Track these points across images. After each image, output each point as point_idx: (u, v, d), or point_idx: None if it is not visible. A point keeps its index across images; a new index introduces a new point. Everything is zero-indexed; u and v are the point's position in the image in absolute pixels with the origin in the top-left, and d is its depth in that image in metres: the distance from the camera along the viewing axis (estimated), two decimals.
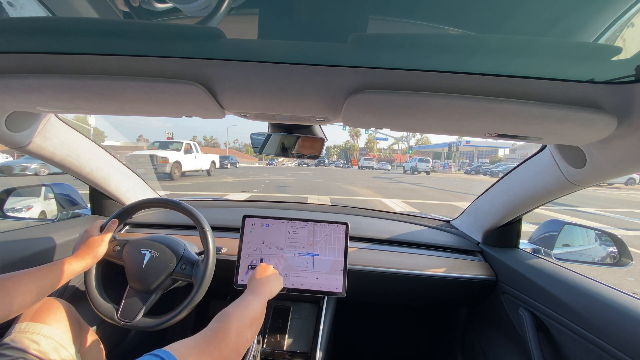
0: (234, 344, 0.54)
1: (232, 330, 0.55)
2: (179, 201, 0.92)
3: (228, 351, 0.52)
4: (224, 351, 0.51)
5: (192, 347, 0.47)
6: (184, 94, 0.55)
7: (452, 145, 42.76)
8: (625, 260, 0.94)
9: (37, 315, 0.72)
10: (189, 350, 0.46)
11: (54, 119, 0.87)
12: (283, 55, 0.45)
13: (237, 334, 0.55)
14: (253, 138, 1.00)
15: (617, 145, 0.56)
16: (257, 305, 0.68)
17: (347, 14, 0.40)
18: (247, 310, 0.62)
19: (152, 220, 1.27)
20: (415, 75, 0.47)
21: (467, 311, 1.27)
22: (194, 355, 0.46)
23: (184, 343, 0.47)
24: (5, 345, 0.66)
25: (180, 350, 0.44)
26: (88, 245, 0.81)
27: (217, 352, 0.50)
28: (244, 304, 0.64)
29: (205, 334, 0.52)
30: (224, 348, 0.51)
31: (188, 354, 0.45)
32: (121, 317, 0.84)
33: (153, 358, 0.40)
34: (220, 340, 0.52)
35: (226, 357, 0.51)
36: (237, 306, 0.62)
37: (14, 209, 1.17)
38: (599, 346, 0.67)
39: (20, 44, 0.46)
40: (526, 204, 0.94)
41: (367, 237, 1.21)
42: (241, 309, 0.62)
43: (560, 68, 0.43)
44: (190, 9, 0.39)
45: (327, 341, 1.00)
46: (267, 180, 13.91)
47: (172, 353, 0.42)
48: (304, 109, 0.65)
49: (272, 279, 0.80)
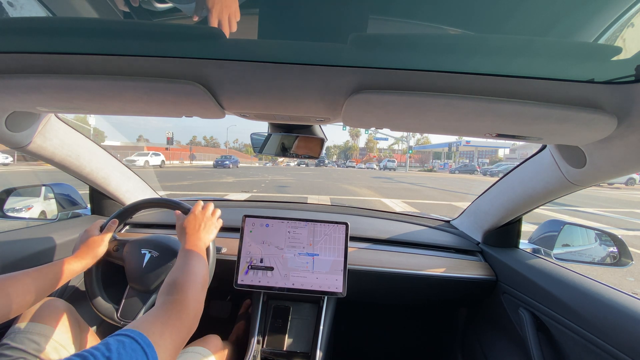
0: (193, 312, 0.55)
1: (190, 301, 0.56)
2: (179, 201, 0.92)
3: (189, 320, 0.53)
4: (185, 320, 0.52)
5: (153, 321, 0.48)
6: (184, 94, 0.55)
7: (452, 145, 42.79)
8: (625, 260, 0.94)
9: (37, 315, 0.72)
10: (152, 324, 0.47)
11: (54, 119, 0.87)
12: (283, 55, 0.45)
13: (195, 302, 0.57)
14: (253, 138, 1.00)
15: (617, 145, 0.56)
16: (203, 265, 0.69)
17: (347, 14, 0.40)
18: (198, 276, 0.64)
19: (152, 220, 1.27)
20: (415, 75, 0.47)
21: (467, 311, 1.27)
22: (157, 327, 0.47)
23: (145, 318, 0.48)
24: (5, 345, 0.66)
25: (144, 326, 0.45)
26: (88, 245, 0.81)
27: (179, 322, 0.51)
28: (193, 271, 0.64)
29: (164, 307, 0.52)
30: (185, 317, 0.52)
31: (152, 327, 0.46)
32: (121, 317, 0.84)
33: (124, 338, 0.40)
34: (179, 311, 0.53)
35: (187, 323, 0.53)
36: (187, 274, 0.63)
37: (14, 209, 1.17)
38: (599, 346, 0.66)
39: (20, 44, 0.46)
40: (526, 204, 0.94)
41: (367, 237, 1.21)
42: (192, 276, 0.62)
43: (561, 68, 0.43)
44: (190, 9, 0.39)
45: (327, 341, 1.00)
46: (267, 180, 13.91)
47: (138, 330, 0.42)
48: (304, 109, 0.65)
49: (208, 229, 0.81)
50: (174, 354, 0.47)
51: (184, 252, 0.72)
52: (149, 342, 0.41)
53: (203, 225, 0.82)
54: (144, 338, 0.41)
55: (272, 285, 1.01)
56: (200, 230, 0.80)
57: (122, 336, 0.40)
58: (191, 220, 0.81)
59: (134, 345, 0.39)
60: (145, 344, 0.41)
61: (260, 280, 1.01)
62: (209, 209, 0.86)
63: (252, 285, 1.01)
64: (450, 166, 34.15)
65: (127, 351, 0.38)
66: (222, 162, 26.19)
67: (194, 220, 0.81)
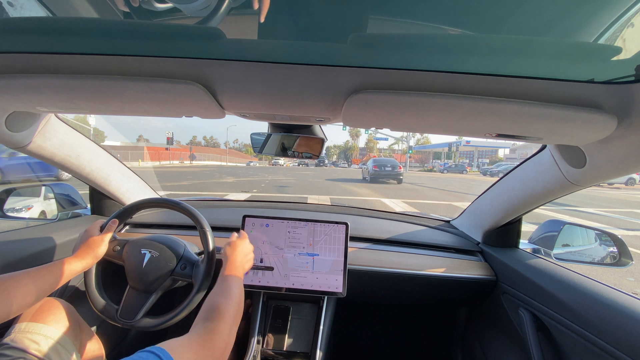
0: (225, 343, 0.55)
1: (225, 331, 0.56)
2: (179, 201, 0.92)
3: (220, 351, 0.53)
4: (216, 351, 0.52)
5: (187, 346, 0.48)
6: (184, 94, 0.55)
7: (452, 145, 42.79)
8: (625, 260, 0.94)
9: (37, 315, 0.72)
10: (185, 349, 0.46)
11: (54, 119, 0.87)
12: (283, 55, 0.45)
13: (229, 333, 0.57)
14: (253, 138, 1.00)
15: (617, 145, 0.56)
16: (242, 292, 0.69)
17: (347, 14, 0.40)
18: (238, 307, 0.64)
19: (152, 220, 1.27)
20: (415, 75, 0.47)
21: (467, 311, 1.27)
22: (189, 353, 0.46)
23: (180, 341, 0.48)
24: (5, 345, 0.66)
25: (176, 349, 0.45)
26: (88, 245, 0.81)
27: (211, 352, 0.50)
28: (234, 299, 0.64)
29: (199, 333, 0.52)
30: (217, 348, 0.52)
31: (183, 352, 0.46)
32: (121, 317, 0.84)
33: (149, 355, 0.40)
34: (214, 340, 0.53)
35: (218, 356, 0.53)
36: (228, 301, 0.63)
37: (14, 209, 1.17)
38: (599, 346, 0.66)
39: (20, 44, 0.46)
40: (526, 204, 0.94)
41: (367, 237, 1.21)
42: (233, 305, 0.62)
43: (560, 68, 0.43)
44: (190, 9, 0.39)
45: (327, 341, 1.00)
46: (267, 180, 13.91)
47: (168, 351, 0.42)
48: (304, 109, 0.65)
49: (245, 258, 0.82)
50: None
51: (226, 276, 0.71)
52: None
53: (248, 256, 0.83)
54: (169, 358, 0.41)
55: (272, 285, 1.01)
56: (244, 256, 0.81)
57: (151, 353, 0.40)
58: (240, 245, 0.82)
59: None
60: None
61: (260, 280, 1.01)
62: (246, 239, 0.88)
63: (252, 285, 1.01)
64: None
65: None
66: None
67: (243, 246, 0.82)
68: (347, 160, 74.55)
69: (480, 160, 45.56)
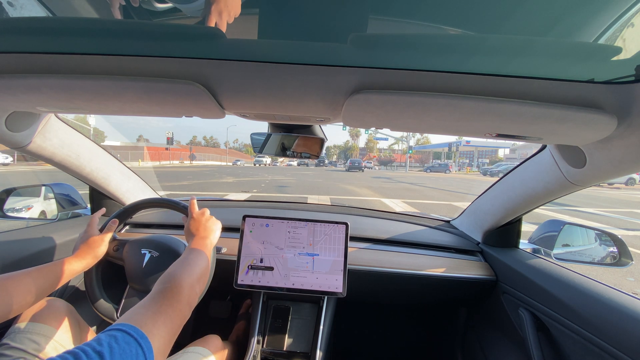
0: (186, 299, 0.55)
1: (182, 288, 0.55)
2: (179, 201, 0.93)
3: (181, 306, 0.52)
4: (177, 307, 0.51)
5: (144, 311, 0.47)
6: (184, 94, 0.55)
7: (452, 145, 42.77)
8: (625, 260, 0.94)
9: (37, 315, 0.72)
10: (143, 315, 0.46)
11: (54, 119, 0.87)
12: (283, 55, 0.45)
13: (188, 289, 0.56)
14: (253, 138, 1.00)
15: (617, 145, 0.55)
16: (203, 260, 0.69)
17: (347, 14, 0.40)
18: (194, 268, 0.63)
19: (152, 220, 1.27)
20: (415, 75, 0.47)
21: (467, 311, 1.27)
22: (149, 317, 0.46)
23: (135, 310, 0.47)
24: (5, 345, 0.66)
25: (134, 318, 0.44)
26: (88, 245, 0.81)
27: (171, 309, 0.50)
28: (189, 263, 0.64)
29: (153, 297, 0.52)
30: (176, 304, 0.52)
31: (143, 318, 0.45)
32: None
33: (116, 332, 0.39)
34: (171, 298, 0.52)
35: (180, 310, 0.52)
36: (183, 265, 0.62)
37: (14, 209, 1.17)
38: (599, 346, 0.66)
39: (20, 44, 0.46)
40: (526, 204, 0.94)
41: (367, 237, 1.21)
42: (187, 267, 0.62)
43: (560, 68, 0.43)
44: (190, 9, 0.39)
45: (327, 341, 1.00)
46: (267, 180, 13.91)
47: (129, 323, 0.42)
48: (304, 109, 0.65)
49: (210, 229, 0.82)
50: (170, 341, 0.47)
51: (187, 250, 0.72)
52: (142, 333, 0.41)
53: (209, 225, 0.83)
54: (136, 330, 0.41)
55: (272, 285, 1.01)
56: (203, 231, 0.80)
57: (114, 330, 0.40)
58: (193, 223, 0.82)
59: (126, 338, 0.39)
60: (138, 335, 0.40)
61: (260, 280, 1.01)
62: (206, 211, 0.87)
63: (252, 285, 1.01)
64: (450, 167, 35.03)
65: (120, 344, 0.38)
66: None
67: (194, 222, 0.82)
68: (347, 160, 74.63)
69: (480, 160, 45.59)
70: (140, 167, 22.05)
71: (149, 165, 25.60)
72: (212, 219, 0.86)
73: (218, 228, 0.86)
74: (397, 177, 20.50)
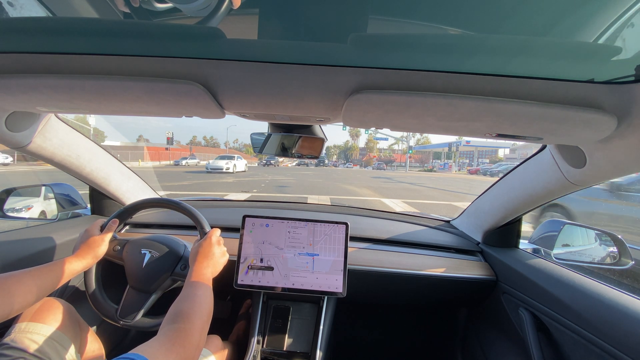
0: (197, 342, 0.56)
1: (195, 331, 0.56)
2: (179, 201, 0.92)
3: (192, 349, 0.54)
4: (189, 350, 0.53)
5: (158, 347, 0.48)
6: (184, 94, 0.55)
7: (452, 145, 42.80)
8: (625, 260, 0.94)
9: (37, 315, 0.72)
10: (156, 350, 0.47)
11: (54, 119, 0.87)
12: (283, 55, 0.45)
13: (199, 333, 0.57)
14: (253, 138, 1.00)
15: (617, 145, 0.56)
16: (210, 296, 0.69)
17: (347, 14, 0.40)
18: (204, 307, 0.64)
19: (152, 220, 1.27)
20: (415, 75, 0.47)
21: (467, 311, 1.27)
22: (161, 354, 0.47)
23: (150, 344, 0.48)
24: (5, 345, 0.66)
25: (148, 351, 0.45)
26: (88, 244, 0.81)
27: (182, 350, 0.51)
28: (200, 302, 0.64)
29: (168, 334, 0.53)
30: (188, 347, 0.53)
31: (156, 353, 0.46)
32: (121, 317, 0.84)
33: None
34: (184, 339, 0.53)
35: (190, 355, 0.53)
36: (193, 304, 0.63)
37: (14, 209, 1.17)
38: (599, 346, 0.66)
39: (20, 44, 0.46)
40: (526, 204, 0.94)
41: (367, 237, 1.21)
42: (198, 307, 0.63)
43: (560, 68, 0.43)
44: (190, 9, 0.39)
45: (327, 341, 1.00)
46: (267, 180, 13.91)
47: (143, 355, 0.43)
48: (304, 109, 0.65)
49: (218, 263, 0.81)
50: None
51: (191, 282, 0.71)
52: None
53: (218, 255, 0.81)
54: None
55: (272, 285, 1.00)
56: (211, 259, 0.79)
57: (126, 359, 0.41)
58: (206, 246, 0.80)
59: None
60: None
61: (260, 280, 1.01)
62: (221, 240, 0.86)
63: (252, 285, 1.01)
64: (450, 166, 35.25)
65: None
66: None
67: (209, 247, 0.80)
68: (347, 160, 74.66)
69: (480, 160, 45.61)
70: (140, 167, 22.03)
71: (149, 165, 25.58)
72: (225, 251, 0.85)
73: (225, 262, 0.84)
74: (397, 177, 20.49)
